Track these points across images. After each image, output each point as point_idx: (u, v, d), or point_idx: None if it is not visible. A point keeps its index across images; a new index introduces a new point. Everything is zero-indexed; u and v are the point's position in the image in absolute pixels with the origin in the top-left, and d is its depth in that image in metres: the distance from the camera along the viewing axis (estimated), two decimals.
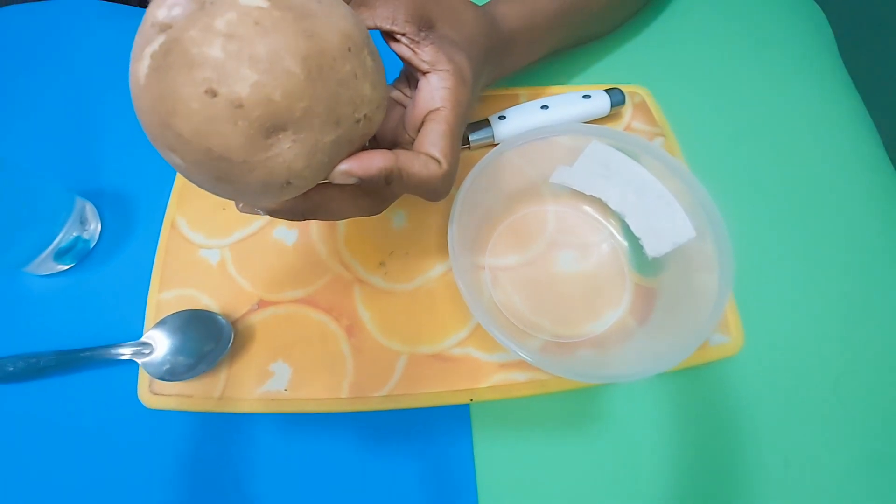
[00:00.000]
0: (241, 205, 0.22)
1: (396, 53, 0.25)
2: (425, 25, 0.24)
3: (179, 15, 0.16)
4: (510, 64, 0.33)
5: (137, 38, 0.17)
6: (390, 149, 0.22)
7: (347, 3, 0.22)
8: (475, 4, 0.28)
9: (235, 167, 0.17)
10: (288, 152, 0.17)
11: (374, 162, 0.20)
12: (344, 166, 0.19)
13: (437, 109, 0.23)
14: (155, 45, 0.16)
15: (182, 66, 0.15)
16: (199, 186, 0.19)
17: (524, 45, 0.32)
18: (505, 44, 0.30)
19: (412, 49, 0.24)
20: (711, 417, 0.30)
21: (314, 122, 0.17)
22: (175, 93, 0.15)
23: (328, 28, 0.17)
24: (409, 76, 0.27)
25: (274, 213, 0.22)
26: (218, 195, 0.19)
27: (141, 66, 0.16)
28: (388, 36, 0.24)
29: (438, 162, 0.22)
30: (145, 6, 0.18)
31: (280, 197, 0.19)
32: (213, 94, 0.15)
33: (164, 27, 0.16)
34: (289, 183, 0.18)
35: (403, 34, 0.24)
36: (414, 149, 0.23)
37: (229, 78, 0.15)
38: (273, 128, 0.16)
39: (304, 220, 0.23)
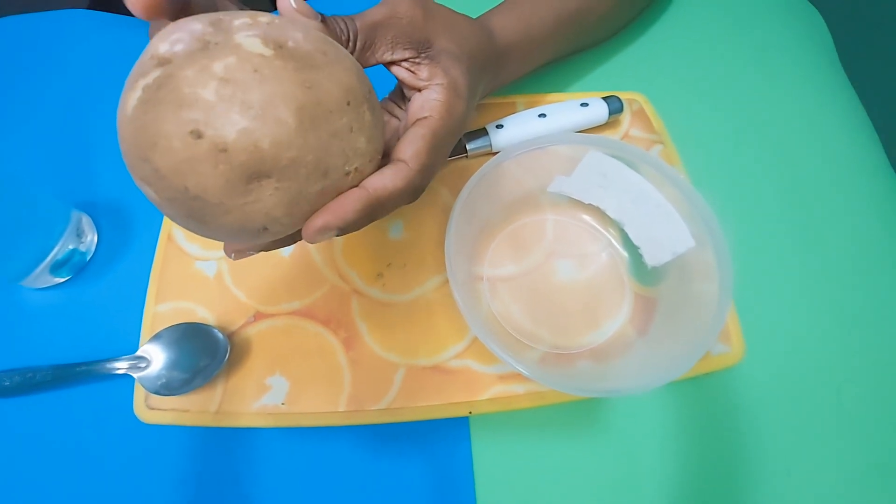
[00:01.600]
0: (231, 253, 0.22)
1: (395, 76, 0.25)
2: (424, 46, 0.24)
3: (180, 52, 0.16)
4: (507, 75, 0.33)
5: (135, 68, 0.16)
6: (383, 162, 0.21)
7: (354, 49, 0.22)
8: (471, 19, 0.28)
9: (210, 208, 0.16)
10: (269, 199, 0.17)
11: (346, 207, 0.18)
12: (319, 221, 0.18)
13: (425, 118, 0.23)
14: (150, 78, 0.16)
15: (171, 102, 0.15)
16: (171, 220, 0.18)
17: (520, 57, 0.32)
18: (501, 55, 0.30)
19: (411, 71, 0.24)
20: (712, 427, 0.29)
21: (300, 171, 0.17)
22: (159, 128, 0.15)
23: (330, 80, 0.17)
24: (404, 92, 0.27)
25: (264, 249, 0.22)
26: (189, 230, 0.19)
27: (132, 95, 0.16)
28: (388, 63, 0.25)
29: (406, 163, 0.21)
30: None
31: (255, 241, 0.19)
32: (198, 135, 0.15)
33: (163, 61, 0.16)
34: (265, 229, 0.18)
35: (404, 60, 0.24)
36: (392, 155, 0.22)
37: (217, 121, 0.15)
38: (256, 174, 0.16)
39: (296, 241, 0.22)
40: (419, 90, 0.24)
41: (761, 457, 0.29)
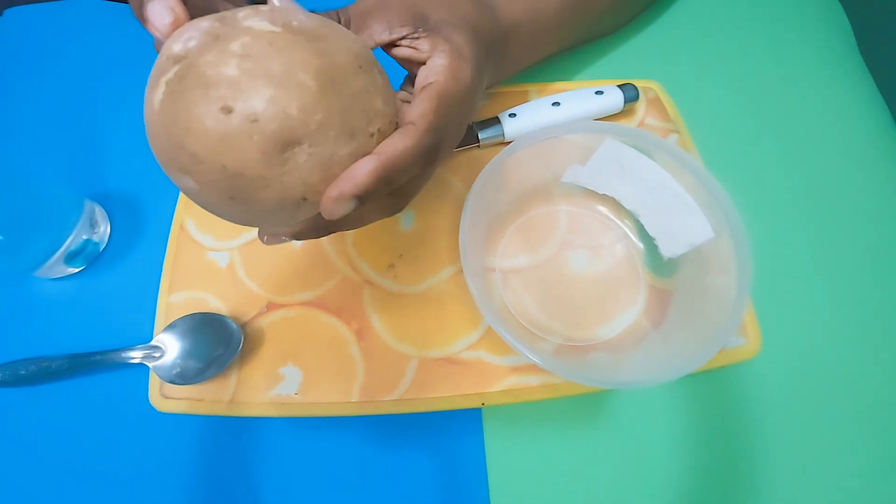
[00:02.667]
0: (264, 236, 0.22)
1: (398, 60, 0.24)
2: (420, 22, 0.24)
3: (195, 46, 0.16)
4: (514, 59, 0.32)
5: (153, 72, 0.17)
6: None
7: None
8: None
9: (250, 183, 0.16)
10: (304, 166, 0.17)
11: (358, 173, 0.18)
12: (334, 192, 0.18)
13: (431, 83, 0.22)
14: (170, 74, 0.16)
15: (197, 86, 0.15)
16: (211, 210, 0.18)
17: (528, 39, 0.31)
18: (506, 34, 0.29)
19: (411, 47, 0.23)
20: (727, 421, 0.29)
21: (329, 134, 0.17)
22: (190, 112, 0.16)
23: (339, 48, 0.17)
24: (411, 76, 0.27)
25: (297, 236, 0.21)
26: (230, 219, 0.19)
27: (156, 93, 0.16)
28: (388, 46, 0.24)
29: (413, 123, 0.20)
30: None
31: (295, 216, 0.19)
32: (228, 110, 0.15)
33: (180, 58, 0.16)
34: (304, 199, 0.18)
35: (402, 38, 0.23)
36: (399, 122, 0.21)
37: (244, 93, 0.15)
38: (289, 141, 0.16)
39: (329, 234, 0.22)
40: (423, 63, 0.23)
41: (776, 452, 0.28)
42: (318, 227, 0.21)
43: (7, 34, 0.43)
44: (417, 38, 0.23)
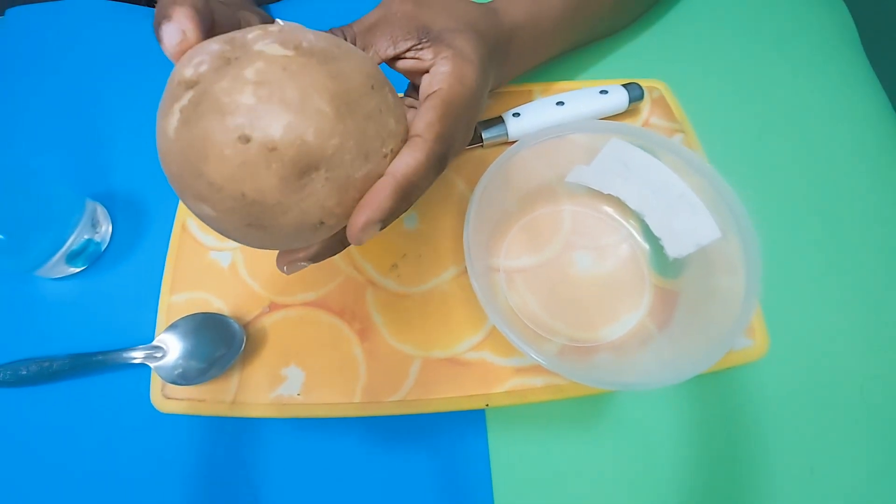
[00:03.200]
0: (283, 266, 0.22)
1: (402, 72, 0.25)
2: (423, 32, 0.24)
3: (206, 71, 0.16)
4: (518, 61, 0.32)
5: (164, 98, 0.17)
6: None
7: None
8: (471, 0, 0.28)
9: (269, 210, 0.16)
10: (321, 191, 0.17)
11: (380, 197, 0.18)
12: (361, 219, 0.18)
13: (435, 91, 0.22)
14: (184, 101, 0.16)
15: (214, 114, 0.15)
16: (228, 236, 0.18)
17: (530, 41, 0.31)
18: (509, 37, 0.29)
19: (414, 58, 0.24)
20: (734, 422, 0.29)
21: (345, 157, 0.17)
22: (207, 140, 0.15)
23: (351, 69, 0.17)
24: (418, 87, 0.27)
25: (315, 259, 0.22)
26: (247, 243, 0.19)
27: (170, 121, 0.16)
28: (392, 60, 0.24)
29: (420, 136, 0.20)
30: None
31: (312, 239, 0.19)
32: (246, 139, 0.15)
33: (192, 83, 0.16)
34: (321, 223, 0.18)
35: (407, 51, 0.23)
36: (407, 134, 0.21)
37: (262, 121, 0.15)
38: (307, 168, 0.16)
39: (346, 247, 0.22)
40: (427, 71, 0.23)
41: (784, 454, 0.28)
42: (334, 248, 0.22)
43: (9, 34, 0.43)
44: (420, 49, 0.24)
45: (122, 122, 0.38)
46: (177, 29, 0.17)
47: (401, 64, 0.24)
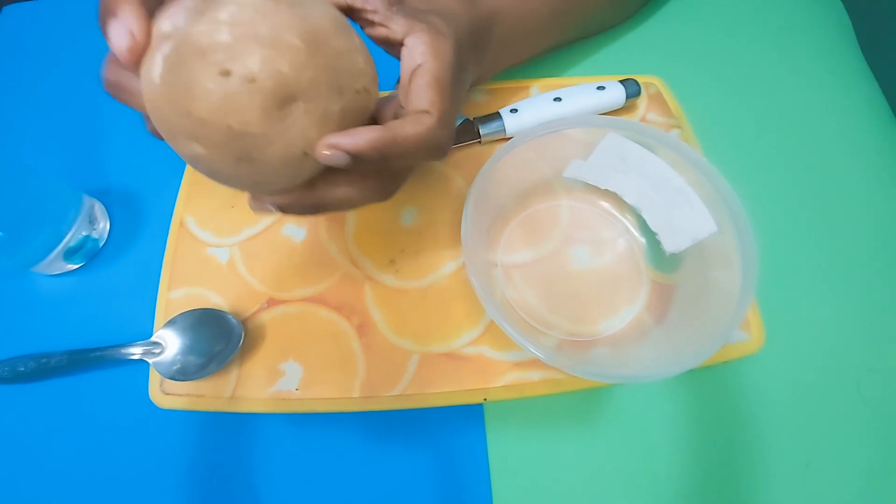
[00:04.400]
0: (253, 201, 0.22)
1: (373, 39, 0.24)
2: (395, 1, 0.24)
3: (182, 21, 0.17)
4: (502, 50, 0.31)
5: (147, 54, 0.17)
6: None
7: None
8: None
9: (255, 141, 0.18)
10: (302, 120, 0.18)
11: (362, 135, 0.19)
12: (330, 139, 0.18)
13: (419, 66, 0.21)
14: (166, 49, 0.17)
15: (195, 56, 0.16)
16: (219, 178, 0.19)
17: (517, 28, 0.31)
18: (489, 21, 0.29)
19: (385, 25, 0.23)
20: (730, 416, 0.29)
21: (321, 90, 0.18)
22: (192, 80, 0.17)
23: (318, 13, 0.19)
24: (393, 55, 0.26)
25: (284, 209, 0.21)
26: (237, 184, 0.20)
27: (153, 69, 0.17)
28: (364, 22, 0.24)
29: (427, 112, 0.20)
30: None
31: (298, 173, 0.20)
32: (226, 73, 0.16)
33: (171, 35, 0.17)
34: (305, 154, 0.19)
35: (375, 11, 0.23)
36: (405, 112, 0.21)
37: (240, 56, 0.17)
38: (285, 98, 0.17)
39: (315, 213, 0.22)
40: (402, 44, 0.23)
41: (779, 448, 0.28)
42: (305, 203, 0.21)
43: (6, 31, 0.43)
44: (391, 18, 0.23)
45: (120, 119, 0.38)
46: (124, 31, 0.17)
47: (371, 31, 0.24)
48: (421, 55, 0.22)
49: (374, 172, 0.22)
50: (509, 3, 0.30)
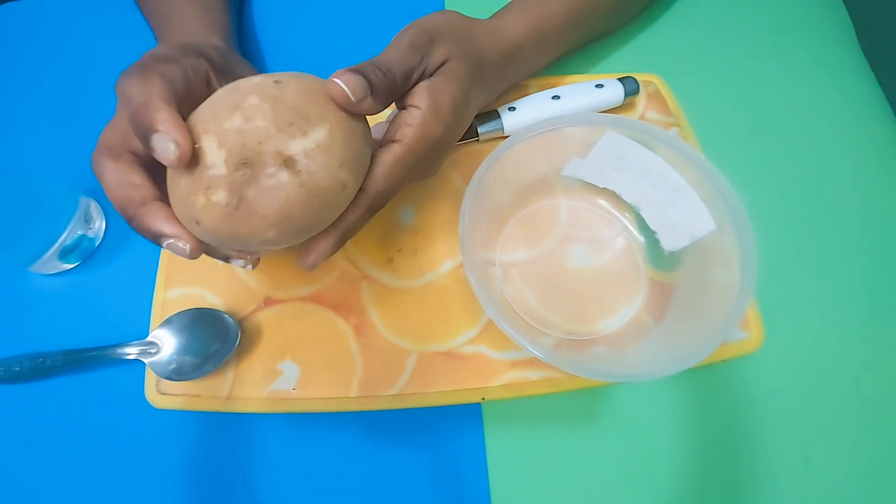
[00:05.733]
0: (304, 258, 0.24)
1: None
2: (429, 42, 0.25)
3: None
4: (517, 74, 0.33)
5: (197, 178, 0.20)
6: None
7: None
8: (479, 22, 0.29)
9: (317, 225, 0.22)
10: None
11: (323, 246, 0.23)
12: (309, 262, 0.24)
13: (393, 142, 0.24)
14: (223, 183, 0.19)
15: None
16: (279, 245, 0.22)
17: (530, 54, 0.32)
18: (509, 57, 0.30)
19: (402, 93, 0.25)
20: (729, 415, 0.29)
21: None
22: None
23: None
24: None
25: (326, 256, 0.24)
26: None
27: (215, 196, 0.19)
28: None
29: (363, 190, 0.23)
30: None
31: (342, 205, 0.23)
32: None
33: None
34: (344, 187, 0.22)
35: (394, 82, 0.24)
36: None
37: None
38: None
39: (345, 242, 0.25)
40: (402, 108, 0.25)
41: (778, 446, 0.28)
42: (337, 240, 0.24)
43: (2, 29, 0.43)
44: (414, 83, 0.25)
45: None
46: (168, 142, 0.19)
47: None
48: (401, 135, 0.24)
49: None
50: (528, 35, 0.31)
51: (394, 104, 0.26)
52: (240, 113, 0.19)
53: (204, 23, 0.31)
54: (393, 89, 0.23)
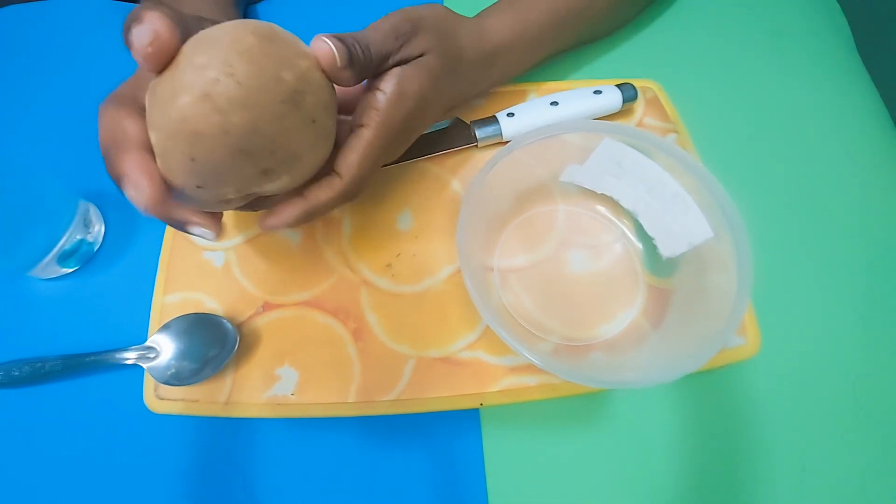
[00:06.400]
0: (264, 219, 0.24)
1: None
2: (412, 26, 0.25)
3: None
4: (502, 73, 0.33)
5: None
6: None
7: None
8: (464, 19, 0.29)
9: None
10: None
11: (288, 212, 0.24)
12: (268, 223, 0.24)
13: (361, 126, 0.24)
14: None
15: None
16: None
17: (516, 55, 0.32)
18: (493, 56, 0.31)
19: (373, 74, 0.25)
20: (726, 421, 0.29)
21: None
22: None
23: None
24: None
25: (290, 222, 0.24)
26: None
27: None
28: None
29: (339, 176, 0.24)
30: None
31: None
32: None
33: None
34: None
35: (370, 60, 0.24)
36: (332, 164, 0.24)
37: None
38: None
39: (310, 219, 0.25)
40: (369, 89, 0.25)
41: (775, 452, 0.28)
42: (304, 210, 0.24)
43: (4, 32, 0.43)
44: (381, 70, 0.25)
45: None
46: (148, 29, 0.18)
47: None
48: (367, 118, 0.24)
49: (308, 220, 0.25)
50: (511, 36, 0.31)
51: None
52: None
53: (215, 11, 0.33)
54: (367, 68, 0.23)
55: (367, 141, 0.24)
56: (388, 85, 0.24)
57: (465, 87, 0.30)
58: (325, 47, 0.21)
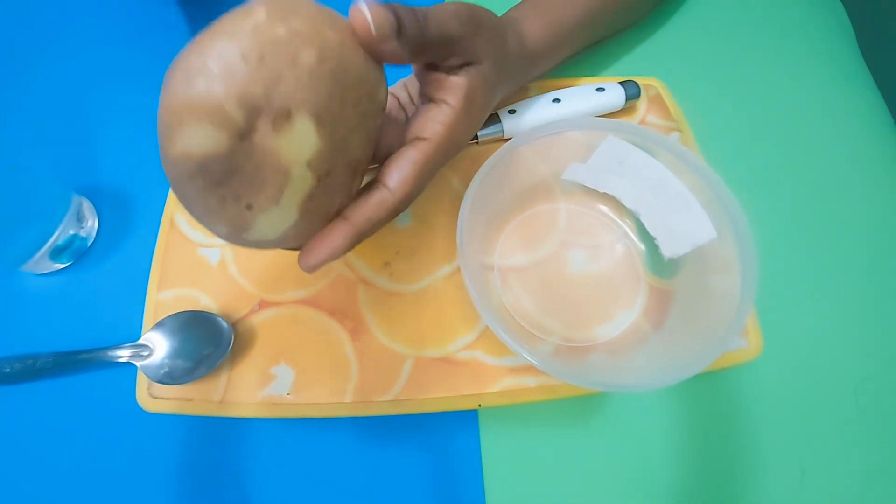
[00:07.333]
0: (304, 256, 0.21)
1: (418, 76, 0.24)
2: (474, 27, 0.22)
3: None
4: (533, 76, 0.32)
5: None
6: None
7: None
8: (510, 29, 0.28)
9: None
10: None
11: (335, 241, 0.20)
12: (312, 260, 0.21)
13: (423, 139, 0.22)
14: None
15: None
16: None
17: (547, 59, 0.32)
18: (531, 60, 0.30)
19: (433, 73, 0.23)
20: (726, 423, 0.29)
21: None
22: None
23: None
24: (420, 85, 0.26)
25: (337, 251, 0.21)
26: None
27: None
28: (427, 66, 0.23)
29: (390, 191, 0.21)
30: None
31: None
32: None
33: None
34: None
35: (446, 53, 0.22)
36: (379, 177, 0.22)
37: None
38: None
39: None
40: (431, 100, 0.23)
41: (776, 455, 0.28)
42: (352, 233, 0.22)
43: None
44: (447, 76, 0.23)
45: (110, 116, 0.37)
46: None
47: (422, 75, 0.23)
48: (431, 132, 0.22)
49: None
50: (547, 40, 0.30)
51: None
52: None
53: None
54: (423, 42, 0.19)
55: (426, 155, 0.21)
56: (456, 98, 0.22)
57: (504, 94, 0.29)
58: (360, 18, 0.17)
